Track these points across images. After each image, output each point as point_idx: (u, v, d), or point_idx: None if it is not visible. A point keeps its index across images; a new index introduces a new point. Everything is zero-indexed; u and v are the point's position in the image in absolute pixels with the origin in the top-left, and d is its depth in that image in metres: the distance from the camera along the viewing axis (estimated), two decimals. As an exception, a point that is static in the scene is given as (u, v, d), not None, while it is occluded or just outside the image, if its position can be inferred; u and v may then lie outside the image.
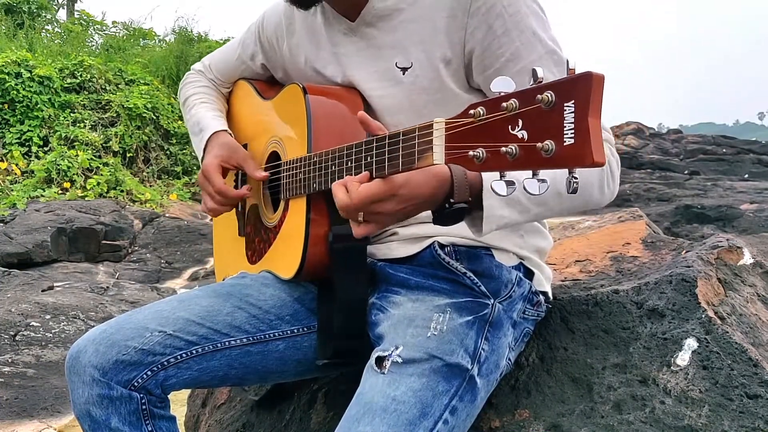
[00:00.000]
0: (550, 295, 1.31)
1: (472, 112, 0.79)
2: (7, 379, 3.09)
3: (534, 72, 0.73)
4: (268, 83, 1.50)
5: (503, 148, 0.74)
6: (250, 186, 1.39)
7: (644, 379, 1.19)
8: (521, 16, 1.10)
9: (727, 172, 13.12)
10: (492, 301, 1.16)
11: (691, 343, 1.19)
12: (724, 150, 14.44)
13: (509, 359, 1.20)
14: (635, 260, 1.53)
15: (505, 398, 1.26)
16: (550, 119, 0.70)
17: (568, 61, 0.71)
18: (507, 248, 1.21)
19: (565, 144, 0.69)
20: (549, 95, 0.70)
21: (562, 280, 1.51)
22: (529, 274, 1.24)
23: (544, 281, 1.28)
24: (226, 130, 1.44)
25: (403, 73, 1.19)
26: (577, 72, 0.69)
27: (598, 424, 1.16)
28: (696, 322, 1.20)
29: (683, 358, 1.18)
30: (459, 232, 1.19)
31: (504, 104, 0.74)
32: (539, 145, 0.71)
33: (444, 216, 1.00)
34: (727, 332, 1.19)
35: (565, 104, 0.69)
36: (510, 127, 0.74)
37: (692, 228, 8.08)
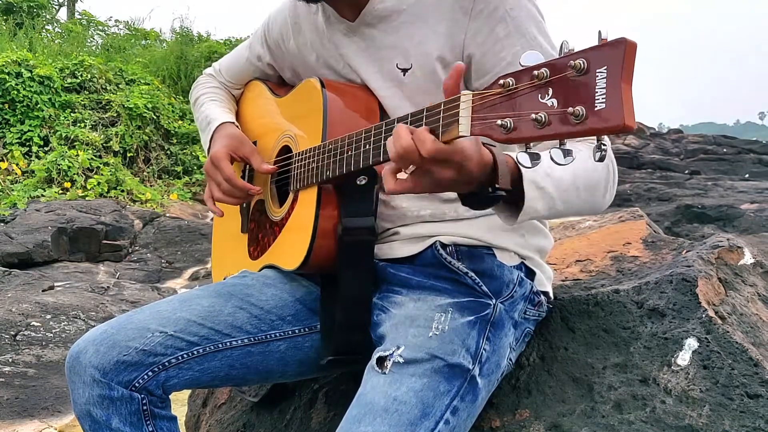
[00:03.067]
0: (551, 294, 1.31)
1: (501, 82, 0.78)
2: (7, 378, 3.09)
3: (563, 44, 0.73)
4: (280, 83, 1.49)
5: (532, 115, 0.73)
6: (260, 188, 1.38)
7: (645, 378, 1.19)
8: (522, 20, 1.11)
9: (728, 172, 13.09)
10: (493, 301, 1.16)
11: (691, 343, 1.19)
12: (725, 150, 14.42)
13: (510, 359, 1.20)
14: (636, 260, 1.53)
15: (505, 398, 1.26)
16: (582, 85, 0.70)
17: (600, 32, 0.71)
18: (508, 248, 1.21)
19: (596, 108, 0.69)
20: (582, 62, 0.70)
21: (563, 280, 1.51)
22: (531, 274, 1.24)
23: (545, 281, 1.28)
24: (233, 122, 1.43)
25: (404, 74, 1.19)
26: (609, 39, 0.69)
27: (598, 423, 1.16)
28: (696, 322, 1.20)
29: (684, 358, 1.18)
30: (461, 232, 1.19)
31: (535, 72, 0.74)
32: (570, 109, 0.70)
33: (479, 199, 0.93)
34: (728, 332, 1.18)
35: (598, 70, 0.69)
36: (540, 96, 0.74)
37: (693, 228, 8.07)
